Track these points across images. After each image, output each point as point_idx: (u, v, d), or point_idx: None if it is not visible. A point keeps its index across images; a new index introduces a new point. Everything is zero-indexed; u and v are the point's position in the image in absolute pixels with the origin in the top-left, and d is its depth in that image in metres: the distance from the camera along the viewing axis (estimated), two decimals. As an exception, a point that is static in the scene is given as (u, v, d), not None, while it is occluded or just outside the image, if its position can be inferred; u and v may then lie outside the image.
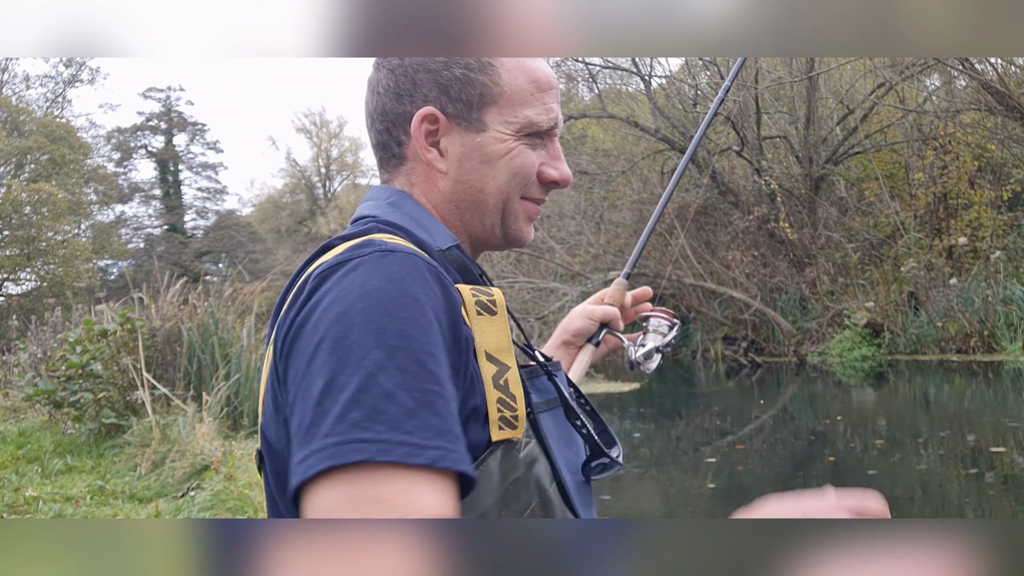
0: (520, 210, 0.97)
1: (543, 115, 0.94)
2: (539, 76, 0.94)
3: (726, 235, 15.88)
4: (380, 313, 0.72)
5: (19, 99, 31.50)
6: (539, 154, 0.96)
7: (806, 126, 14.74)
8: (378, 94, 0.95)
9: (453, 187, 0.94)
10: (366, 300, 0.73)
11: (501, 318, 0.83)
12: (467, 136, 0.92)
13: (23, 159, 27.83)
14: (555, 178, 0.97)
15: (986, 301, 11.76)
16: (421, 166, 0.95)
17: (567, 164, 1.00)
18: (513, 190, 0.95)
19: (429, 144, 0.93)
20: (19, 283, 27.65)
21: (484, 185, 0.94)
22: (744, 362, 14.32)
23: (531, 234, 1.00)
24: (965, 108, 13.31)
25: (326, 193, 41.40)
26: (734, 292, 14.84)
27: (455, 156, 0.93)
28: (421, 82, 0.92)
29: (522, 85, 0.93)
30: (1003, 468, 5.15)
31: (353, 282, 0.75)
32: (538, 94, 0.94)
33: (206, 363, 6.81)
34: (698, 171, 16.02)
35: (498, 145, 0.92)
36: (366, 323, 0.71)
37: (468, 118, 0.92)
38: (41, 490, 5.07)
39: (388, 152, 0.97)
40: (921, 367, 11.38)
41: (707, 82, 16.97)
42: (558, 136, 0.99)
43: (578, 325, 1.29)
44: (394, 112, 0.94)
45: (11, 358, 11.02)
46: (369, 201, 0.97)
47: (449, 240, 0.93)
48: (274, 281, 11.37)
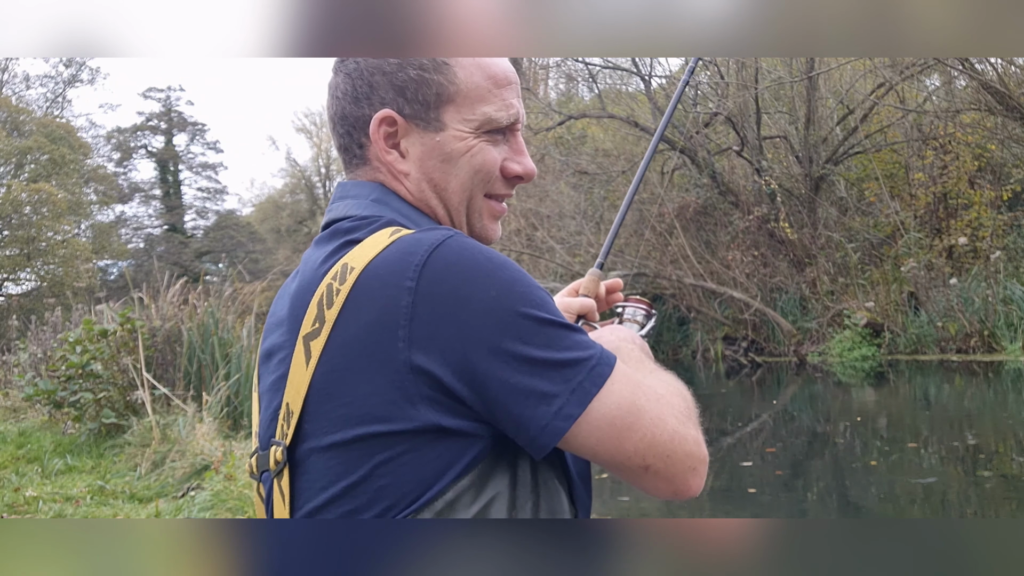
0: (484, 208, 0.97)
1: (502, 111, 0.94)
2: (496, 72, 0.94)
3: (726, 235, 15.87)
4: (512, 280, 0.80)
5: (19, 99, 31.49)
6: (500, 150, 0.96)
7: (806, 126, 14.74)
8: (337, 98, 0.96)
9: (417, 187, 0.94)
10: (494, 273, 0.79)
11: None
12: (426, 136, 0.93)
13: (23, 159, 27.81)
14: (518, 172, 0.97)
15: (986, 301, 11.75)
16: (385, 167, 0.95)
17: (531, 159, 1.00)
18: (476, 187, 0.95)
19: (389, 146, 0.93)
20: (19, 283, 27.64)
21: (447, 184, 0.94)
22: (744, 362, 14.32)
23: (498, 232, 1.00)
24: (965, 108, 13.30)
25: (326, 193, 41.35)
26: (734, 292, 14.84)
27: (416, 156, 0.93)
28: (377, 84, 0.92)
29: (479, 82, 0.93)
30: (1003, 468, 5.15)
31: (462, 257, 0.80)
32: (496, 90, 0.93)
33: (206, 363, 6.81)
34: (698, 171, 16.02)
35: (458, 143, 0.92)
36: (509, 297, 0.79)
37: (426, 118, 0.92)
38: (41, 490, 5.06)
39: (351, 155, 0.97)
40: (921, 367, 11.38)
41: (707, 82, 16.97)
42: (520, 130, 0.98)
43: None
44: (353, 116, 0.94)
45: (11, 358, 11.01)
46: (347, 199, 0.95)
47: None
48: (274, 281, 11.36)
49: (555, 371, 0.77)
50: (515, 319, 0.77)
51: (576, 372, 0.78)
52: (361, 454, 0.78)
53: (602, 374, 0.78)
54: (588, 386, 0.77)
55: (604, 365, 0.79)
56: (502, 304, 0.77)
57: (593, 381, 0.78)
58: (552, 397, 0.76)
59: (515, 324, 0.77)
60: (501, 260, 0.80)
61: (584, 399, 0.77)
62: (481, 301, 0.77)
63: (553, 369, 0.77)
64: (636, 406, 0.78)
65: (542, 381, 0.77)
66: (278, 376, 0.87)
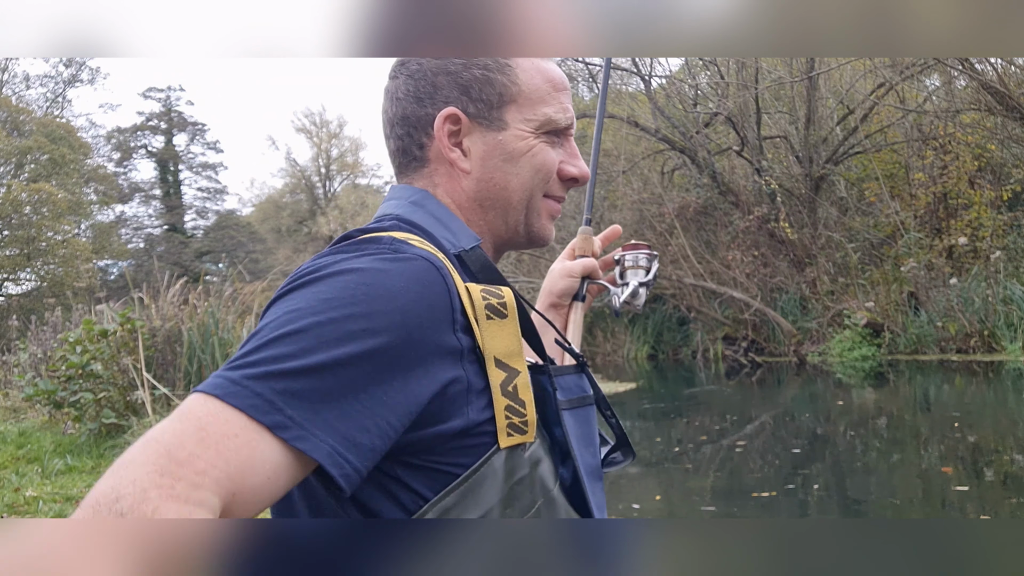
0: (543, 208, 0.99)
1: (560, 113, 0.96)
2: (554, 76, 0.97)
3: (726, 235, 15.87)
4: (344, 291, 0.72)
5: (19, 99, 31.50)
6: (558, 152, 0.98)
7: (806, 126, 14.74)
8: (398, 99, 0.96)
9: (477, 186, 0.95)
10: (339, 278, 0.74)
11: (511, 321, 0.82)
12: (489, 135, 0.94)
13: (23, 159, 27.82)
14: (575, 175, 0.99)
15: (986, 301, 11.76)
16: (444, 167, 0.96)
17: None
18: (536, 187, 0.97)
19: (452, 144, 0.94)
20: (19, 283, 27.65)
21: (508, 183, 0.95)
22: (744, 362, 14.32)
23: (553, 232, 1.02)
24: (965, 108, 13.31)
25: (326, 193, 41.40)
26: (734, 292, 14.84)
27: (478, 155, 0.94)
28: (441, 84, 0.93)
29: (539, 84, 0.95)
30: (1003, 468, 5.15)
31: (339, 260, 0.77)
32: (555, 93, 0.96)
33: (206, 363, 6.81)
34: (698, 171, 16.02)
35: (519, 143, 0.94)
36: (323, 292, 0.72)
37: (489, 117, 0.94)
38: (41, 490, 5.06)
39: (409, 156, 0.97)
40: (921, 367, 11.38)
41: (707, 82, 16.97)
42: (573, 136, 1.00)
43: (562, 286, 1.28)
44: (415, 116, 0.95)
45: (11, 358, 11.01)
46: (391, 200, 0.97)
47: (472, 240, 0.93)
48: (274, 281, 11.36)
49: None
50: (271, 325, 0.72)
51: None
52: None
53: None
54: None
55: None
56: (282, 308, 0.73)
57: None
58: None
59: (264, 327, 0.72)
60: (348, 296, 0.72)
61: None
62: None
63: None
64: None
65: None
66: None
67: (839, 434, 6.89)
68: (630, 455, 1.06)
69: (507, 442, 0.80)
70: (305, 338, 0.69)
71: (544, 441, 0.86)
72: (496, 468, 0.79)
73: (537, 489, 0.83)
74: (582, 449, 0.90)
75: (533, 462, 0.83)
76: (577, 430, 0.90)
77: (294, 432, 0.65)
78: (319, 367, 0.68)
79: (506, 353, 0.81)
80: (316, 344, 0.68)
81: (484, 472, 0.77)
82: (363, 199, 37.75)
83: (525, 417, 0.81)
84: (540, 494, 0.83)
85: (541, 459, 0.85)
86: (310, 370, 0.67)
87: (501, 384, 0.80)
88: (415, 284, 0.75)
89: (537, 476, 0.83)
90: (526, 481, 0.82)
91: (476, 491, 0.76)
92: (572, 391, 0.93)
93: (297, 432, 0.65)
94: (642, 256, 1.29)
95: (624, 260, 1.30)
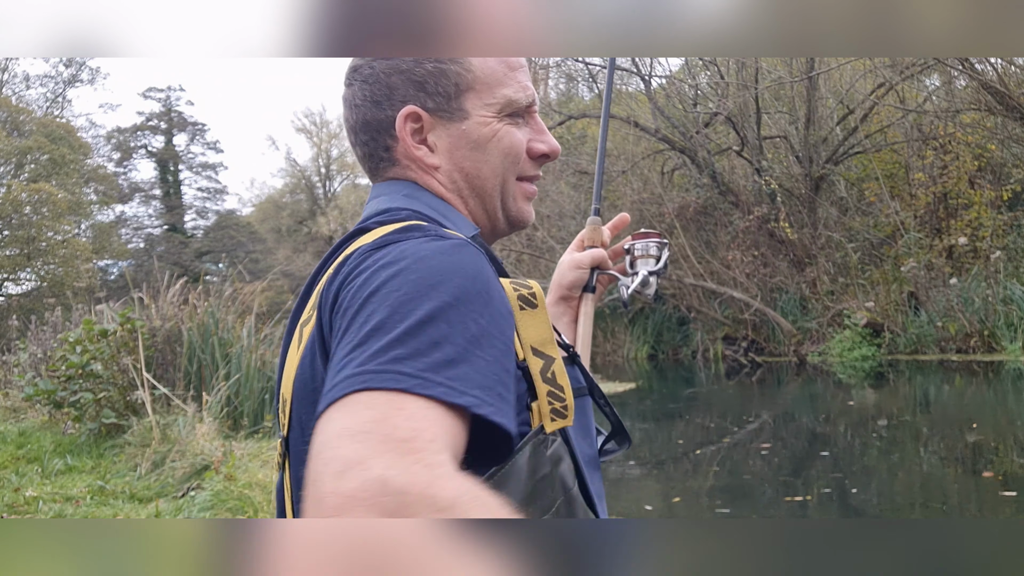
0: (518, 191, 0.98)
1: (520, 92, 0.95)
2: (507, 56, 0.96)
3: (726, 235, 15.87)
4: (435, 273, 0.72)
5: (19, 99, 31.50)
6: (524, 131, 0.97)
7: (806, 126, 14.74)
8: (356, 107, 0.96)
9: (449, 179, 0.95)
10: (420, 264, 0.73)
11: (542, 310, 0.83)
12: (452, 126, 0.93)
13: (23, 159, 27.82)
14: (544, 151, 0.99)
15: (986, 301, 11.76)
16: (415, 165, 0.95)
17: (553, 137, 1.01)
18: (508, 171, 0.96)
19: (417, 142, 0.93)
20: (19, 283, 27.65)
21: (479, 171, 0.95)
22: (744, 362, 14.32)
23: (532, 214, 1.02)
24: (965, 108, 13.31)
25: (326, 193, 41.38)
26: (734, 292, 14.84)
27: (444, 148, 0.94)
28: (396, 84, 0.93)
29: (493, 67, 0.94)
30: (1003, 468, 5.15)
31: (406, 251, 0.75)
32: (511, 73, 0.95)
33: (206, 363, 6.81)
34: (698, 171, 16.02)
35: (484, 129, 0.93)
36: (419, 280, 0.71)
37: (449, 109, 0.93)
38: (41, 490, 5.06)
39: (376, 160, 0.97)
40: (921, 367, 11.38)
41: (707, 82, 16.97)
42: (537, 111, 0.99)
43: (571, 278, 1.27)
44: (375, 120, 0.94)
45: (11, 358, 11.01)
46: (380, 196, 0.96)
47: (472, 228, 0.93)
48: (274, 281, 11.37)
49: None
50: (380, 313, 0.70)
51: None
52: None
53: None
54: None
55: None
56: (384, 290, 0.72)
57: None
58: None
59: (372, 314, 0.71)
60: (441, 274, 0.73)
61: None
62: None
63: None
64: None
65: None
66: (280, 366, 0.88)
67: (839, 434, 6.89)
68: (626, 442, 1.05)
69: (552, 426, 0.81)
70: (436, 326, 0.68)
71: (564, 440, 0.85)
72: (520, 466, 0.78)
73: (558, 487, 0.83)
74: (579, 439, 0.90)
75: (554, 460, 0.83)
76: (575, 421, 0.89)
77: (487, 408, 0.66)
78: (464, 351, 0.68)
79: (540, 341, 0.82)
80: (449, 330, 0.68)
81: (508, 470, 0.77)
82: (363, 199, 37.69)
83: (565, 402, 0.82)
84: (560, 492, 0.83)
85: (562, 457, 0.84)
86: (460, 353, 0.67)
87: (540, 371, 0.81)
88: (484, 267, 0.76)
89: (558, 474, 0.83)
90: (548, 479, 0.81)
91: (502, 488, 0.76)
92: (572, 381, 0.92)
93: (490, 409, 0.66)
94: (652, 244, 1.26)
95: (634, 249, 1.27)
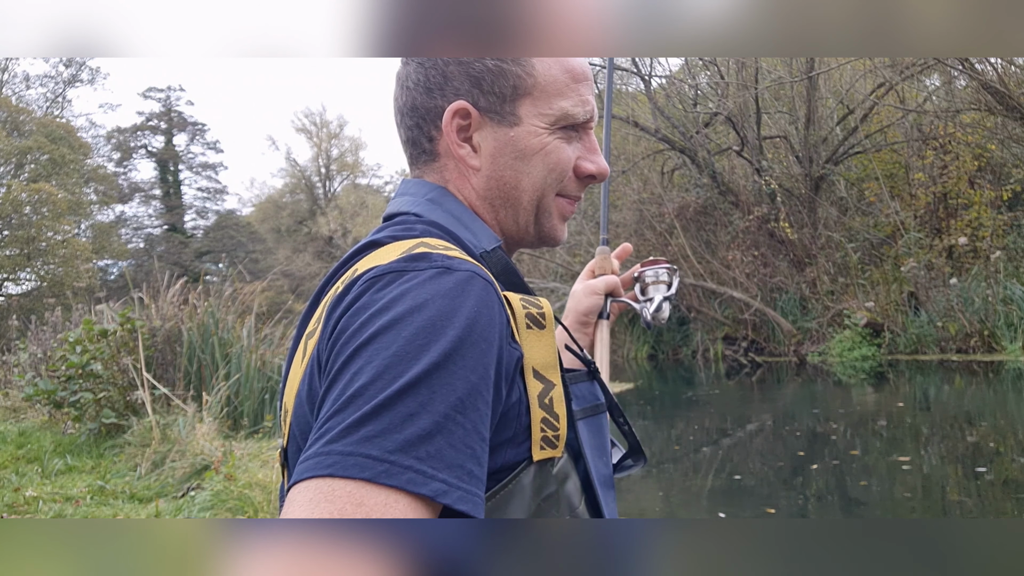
0: (555, 208, 0.93)
1: (579, 107, 0.90)
2: (574, 66, 0.91)
3: (726, 235, 15.87)
4: (430, 325, 0.68)
5: (19, 99, 31.50)
6: (574, 148, 0.92)
7: (806, 126, 14.75)
8: (407, 89, 0.92)
9: (487, 184, 0.91)
10: (416, 314, 0.69)
11: (549, 332, 0.80)
12: (500, 130, 0.89)
13: (23, 159, 27.83)
14: (592, 172, 0.94)
15: (986, 301, 11.76)
16: (453, 162, 0.91)
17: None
18: (549, 186, 0.91)
19: (461, 139, 0.89)
20: (19, 283, 27.64)
21: (519, 182, 0.90)
22: (744, 362, 14.32)
23: (565, 233, 0.97)
24: (965, 108, 13.31)
25: (326, 193, 41.39)
26: (734, 292, 14.84)
27: (488, 151, 0.89)
28: (452, 75, 0.88)
29: (556, 75, 0.89)
30: (1003, 468, 5.15)
31: (406, 294, 0.72)
32: (573, 84, 0.90)
33: (206, 363, 6.81)
34: (698, 171, 16.02)
35: (533, 140, 0.89)
36: (411, 338, 0.68)
37: (501, 111, 0.88)
38: (41, 490, 5.06)
39: (419, 148, 0.93)
40: (921, 367, 11.38)
41: (707, 82, 16.97)
42: (593, 128, 0.95)
43: (587, 304, 1.27)
44: (424, 107, 0.90)
45: (11, 358, 11.01)
46: (405, 196, 0.93)
47: (493, 240, 0.89)
48: (274, 281, 11.37)
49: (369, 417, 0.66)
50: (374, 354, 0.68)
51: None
52: None
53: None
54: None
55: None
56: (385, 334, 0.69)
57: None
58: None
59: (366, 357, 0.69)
60: (443, 315, 0.70)
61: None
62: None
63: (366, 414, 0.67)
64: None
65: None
66: (284, 372, 0.86)
67: (839, 434, 6.89)
68: (641, 460, 1.03)
69: (539, 455, 0.77)
70: (417, 394, 0.65)
71: (571, 458, 0.84)
72: (524, 485, 0.77)
73: (563, 506, 0.81)
74: (595, 459, 0.88)
75: (560, 479, 0.81)
76: (591, 440, 0.88)
77: (454, 495, 0.64)
78: (444, 419, 0.65)
79: (543, 364, 0.78)
80: (430, 396, 0.65)
81: (512, 489, 0.75)
82: (363, 199, 37.74)
83: (558, 432, 0.78)
84: (566, 511, 0.81)
85: (568, 475, 0.83)
86: (438, 423, 0.65)
87: (538, 396, 0.77)
88: (484, 308, 0.72)
89: (564, 493, 0.81)
90: (553, 498, 0.80)
91: (504, 508, 0.74)
92: (586, 399, 0.90)
93: (456, 495, 0.64)
94: (663, 271, 1.31)
95: (644, 277, 1.32)
